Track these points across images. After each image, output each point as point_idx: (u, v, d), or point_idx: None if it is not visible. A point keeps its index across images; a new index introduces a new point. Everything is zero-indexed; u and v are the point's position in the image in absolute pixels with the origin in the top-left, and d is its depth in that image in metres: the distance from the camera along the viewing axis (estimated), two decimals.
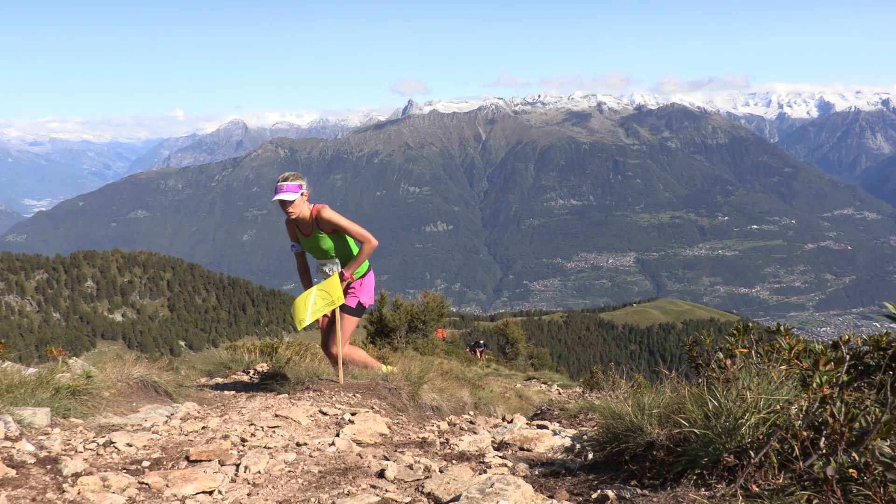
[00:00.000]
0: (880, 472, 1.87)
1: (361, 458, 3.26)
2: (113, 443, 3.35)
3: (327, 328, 5.62)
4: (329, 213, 5.18)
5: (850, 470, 1.93)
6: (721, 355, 3.24)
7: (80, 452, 3.17)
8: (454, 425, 4.68)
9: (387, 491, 2.71)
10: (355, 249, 5.33)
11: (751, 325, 3.45)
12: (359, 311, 5.52)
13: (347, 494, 2.68)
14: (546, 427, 4.43)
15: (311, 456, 3.26)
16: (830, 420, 2.11)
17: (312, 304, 5.13)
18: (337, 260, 5.30)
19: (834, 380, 2.22)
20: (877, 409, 2.15)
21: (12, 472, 2.73)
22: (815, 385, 2.18)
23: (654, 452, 2.68)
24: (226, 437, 3.54)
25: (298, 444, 3.47)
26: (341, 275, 5.24)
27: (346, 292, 5.40)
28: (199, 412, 4.33)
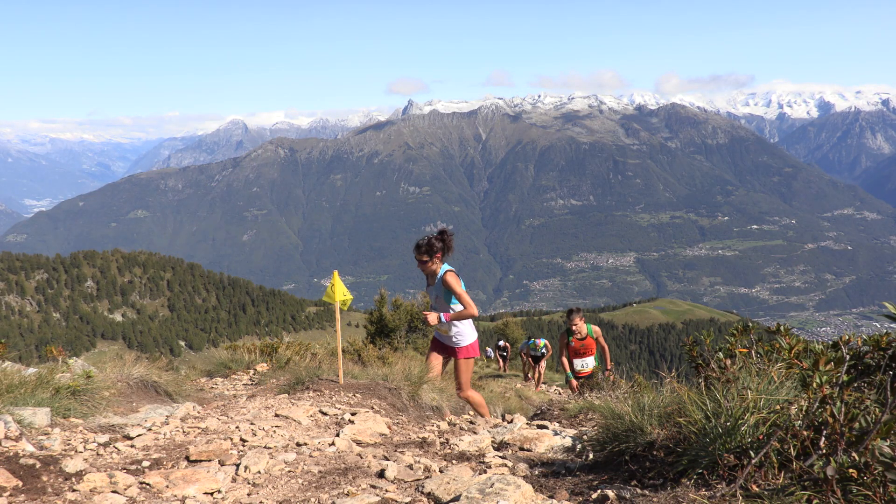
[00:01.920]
0: (880, 472, 1.87)
1: (361, 458, 3.26)
2: (113, 443, 3.35)
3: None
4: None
5: (850, 470, 1.93)
6: (721, 355, 3.24)
7: (81, 452, 3.17)
8: (454, 425, 4.68)
9: (387, 491, 2.71)
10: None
11: (751, 325, 3.46)
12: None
13: (347, 494, 2.68)
14: (546, 427, 4.43)
15: (311, 456, 3.26)
16: (830, 420, 2.11)
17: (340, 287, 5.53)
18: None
19: (834, 380, 2.22)
20: (877, 409, 2.15)
21: (12, 473, 2.73)
22: (815, 385, 2.18)
23: (655, 452, 2.68)
24: (226, 437, 3.54)
25: (298, 444, 3.47)
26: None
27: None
28: (199, 412, 4.33)
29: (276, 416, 4.12)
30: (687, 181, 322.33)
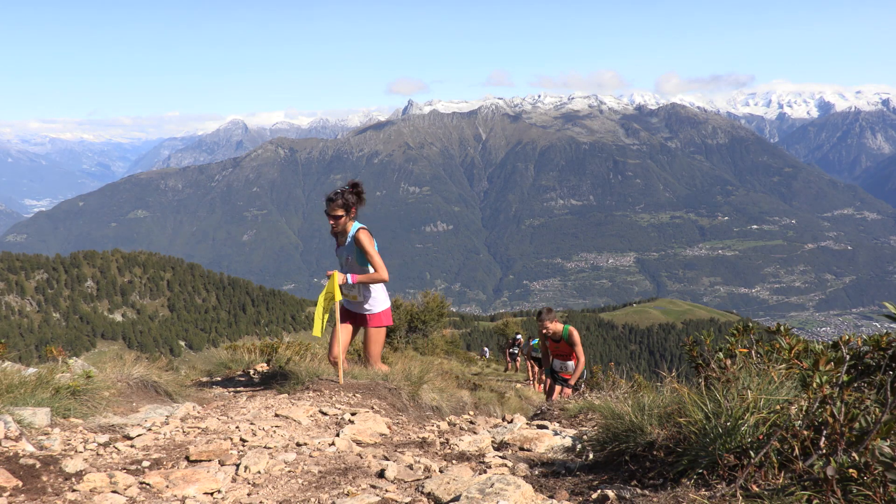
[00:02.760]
0: (880, 472, 1.87)
1: (361, 458, 3.26)
2: (113, 443, 3.35)
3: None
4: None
5: (850, 470, 1.93)
6: (721, 355, 3.24)
7: (81, 452, 3.17)
8: (454, 425, 4.68)
9: (387, 491, 2.70)
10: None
11: (751, 325, 3.46)
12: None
13: (347, 494, 2.68)
14: (546, 427, 4.43)
15: (311, 456, 3.26)
16: (830, 420, 2.11)
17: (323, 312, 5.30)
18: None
19: (834, 380, 2.22)
20: (877, 409, 2.15)
21: (12, 473, 2.73)
22: (815, 385, 2.18)
23: (655, 452, 2.67)
24: (226, 437, 3.54)
25: (298, 444, 3.47)
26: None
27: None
28: (199, 412, 4.33)
29: (276, 416, 4.12)
30: (687, 181, 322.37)
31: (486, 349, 31.04)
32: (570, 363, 7.54)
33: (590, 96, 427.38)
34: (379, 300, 5.47)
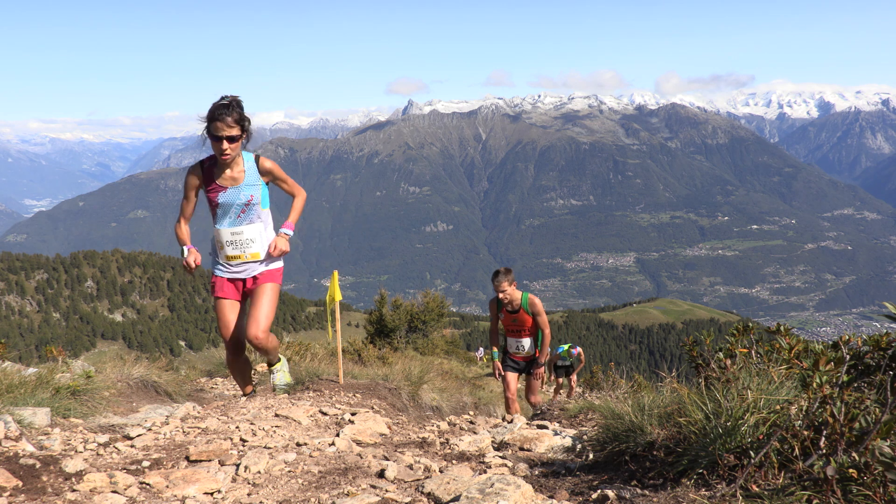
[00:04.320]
0: (880, 472, 1.87)
1: (361, 458, 3.25)
2: (113, 443, 3.35)
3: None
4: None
5: (850, 470, 1.93)
6: (721, 355, 3.24)
7: (81, 452, 3.17)
8: (454, 425, 4.68)
9: (387, 491, 2.70)
10: None
11: (751, 325, 3.46)
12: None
13: (347, 494, 2.68)
14: (546, 427, 4.43)
15: (311, 456, 3.26)
16: (830, 420, 2.11)
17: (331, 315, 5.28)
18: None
19: (834, 380, 2.22)
20: (877, 409, 2.15)
21: (12, 473, 2.73)
22: (815, 385, 2.18)
23: (655, 452, 2.67)
24: (226, 437, 3.54)
25: (298, 444, 3.47)
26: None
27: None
28: (199, 412, 4.33)
29: (276, 416, 4.12)
30: (687, 181, 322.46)
31: (481, 349, 30.22)
32: (526, 341, 6.22)
33: (590, 96, 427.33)
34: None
